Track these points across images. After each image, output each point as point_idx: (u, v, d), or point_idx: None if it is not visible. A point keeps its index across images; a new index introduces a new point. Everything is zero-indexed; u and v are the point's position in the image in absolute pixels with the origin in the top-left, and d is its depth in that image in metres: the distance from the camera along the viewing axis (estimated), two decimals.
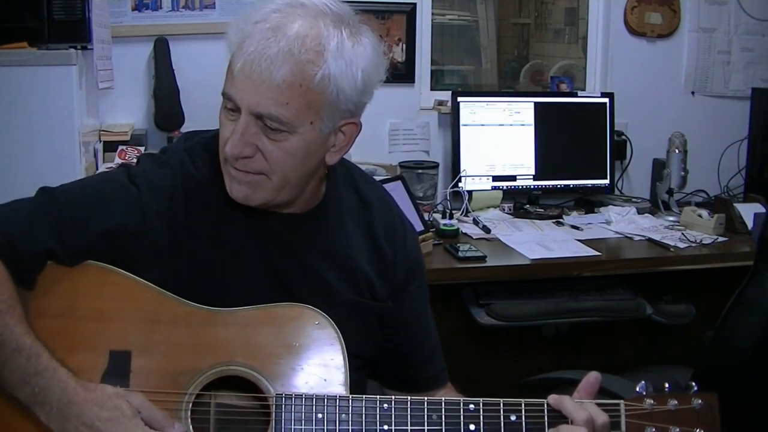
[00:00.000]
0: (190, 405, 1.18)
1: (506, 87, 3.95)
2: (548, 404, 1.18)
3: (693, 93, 3.24)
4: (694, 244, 2.54)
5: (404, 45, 2.93)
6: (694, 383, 1.19)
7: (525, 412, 1.18)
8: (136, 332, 1.19)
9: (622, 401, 1.18)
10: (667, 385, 1.21)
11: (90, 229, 1.20)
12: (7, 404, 1.14)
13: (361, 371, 1.34)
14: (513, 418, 1.17)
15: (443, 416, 1.17)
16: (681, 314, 2.50)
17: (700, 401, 1.18)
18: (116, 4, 2.60)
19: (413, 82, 2.98)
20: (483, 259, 2.33)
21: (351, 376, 1.21)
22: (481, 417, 1.18)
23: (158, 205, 1.23)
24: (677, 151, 2.90)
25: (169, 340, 1.19)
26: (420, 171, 2.83)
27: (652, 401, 1.18)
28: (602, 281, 2.49)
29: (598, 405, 1.18)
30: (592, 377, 1.22)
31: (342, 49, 1.15)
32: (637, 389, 1.20)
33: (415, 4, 2.92)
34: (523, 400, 1.18)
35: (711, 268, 2.48)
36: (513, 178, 2.91)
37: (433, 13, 3.05)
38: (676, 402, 1.18)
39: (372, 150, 2.82)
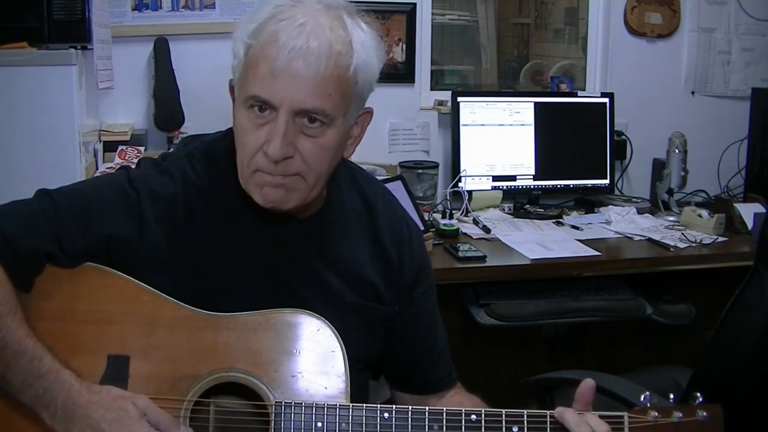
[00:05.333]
0: (189, 411, 1.17)
1: (506, 87, 3.95)
2: (551, 416, 1.17)
3: (693, 93, 3.23)
4: (694, 244, 2.54)
5: (404, 45, 2.93)
6: (698, 394, 1.18)
7: (527, 423, 1.17)
8: (135, 336, 1.18)
9: (626, 414, 1.17)
10: (672, 396, 1.20)
11: (89, 232, 1.19)
12: (11, 406, 1.13)
13: (362, 373, 1.34)
14: (515, 429, 1.17)
15: (444, 427, 1.17)
16: (681, 314, 2.49)
17: (704, 413, 1.16)
18: (116, 4, 2.59)
19: (413, 82, 2.98)
20: (483, 259, 2.33)
21: (351, 379, 1.20)
22: (483, 428, 1.17)
23: (157, 211, 1.22)
24: (677, 151, 2.90)
25: (168, 344, 1.18)
26: (420, 171, 2.83)
27: (656, 413, 1.16)
28: (602, 281, 2.48)
29: (602, 417, 1.16)
30: (584, 387, 1.19)
31: (362, 39, 1.17)
32: (641, 400, 1.18)
33: (415, 4, 2.92)
34: (525, 411, 1.18)
35: (711, 268, 2.48)
36: (513, 178, 2.91)
37: (433, 13, 3.05)
38: (681, 414, 1.16)
39: (372, 150, 2.81)
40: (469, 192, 2.80)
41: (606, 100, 2.99)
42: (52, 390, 1.11)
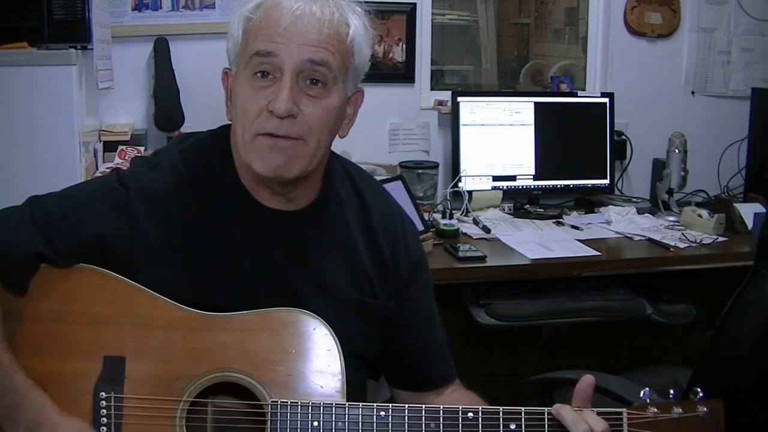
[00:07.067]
0: (185, 412, 1.17)
1: (506, 87, 3.95)
2: (548, 413, 1.17)
3: (693, 93, 3.23)
4: (694, 244, 2.53)
5: (404, 45, 2.92)
6: (699, 389, 1.17)
7: (525, 420, 1.17)
8: (131, 337, 1.18)
9: (625, 410, 1.16)
10: (672, 392, 1.19)
11: (80, 231, 1.19)
12: None
13: (359, 372, 1.33)
14: (512, 426, 1.16)
15: (441, 425, 1.17)
16: (681, 314, 2.49)
17: (704, 409, 1.15)
18: (116, 4, 2.59)
19: (413, 82, 2.97)
20: (483, 259, 2.33)
21: (349, 378, 1.20)
22: (480, 425, 1.17)
23: (147, 206, 1.22)
24: (677, 151, 2.90)
25: (164, 345, 1.18)
26: (420, 171, 2.83)
27: (655, 409, 1.15)
28: (602, 281, 2.48)
29: (601, 413, 1.16)
30: (584, 383, 1.19)
31: (357, 18, 1.24)
32: (641, 396, 1.17)
33: (415, 4, 2.92)
34: (522, 408, 1.17)
35: (711, 268, 2.48)
36: (513, 178, 2.91)
37: (433, 13, 3.05)
38: (681, 410, 1.15)
39: (372, 150, 2.82)
40: (469, 192, 2.80)
41: (606, 100, 2.99)
42: (20, 406, 1.10)
